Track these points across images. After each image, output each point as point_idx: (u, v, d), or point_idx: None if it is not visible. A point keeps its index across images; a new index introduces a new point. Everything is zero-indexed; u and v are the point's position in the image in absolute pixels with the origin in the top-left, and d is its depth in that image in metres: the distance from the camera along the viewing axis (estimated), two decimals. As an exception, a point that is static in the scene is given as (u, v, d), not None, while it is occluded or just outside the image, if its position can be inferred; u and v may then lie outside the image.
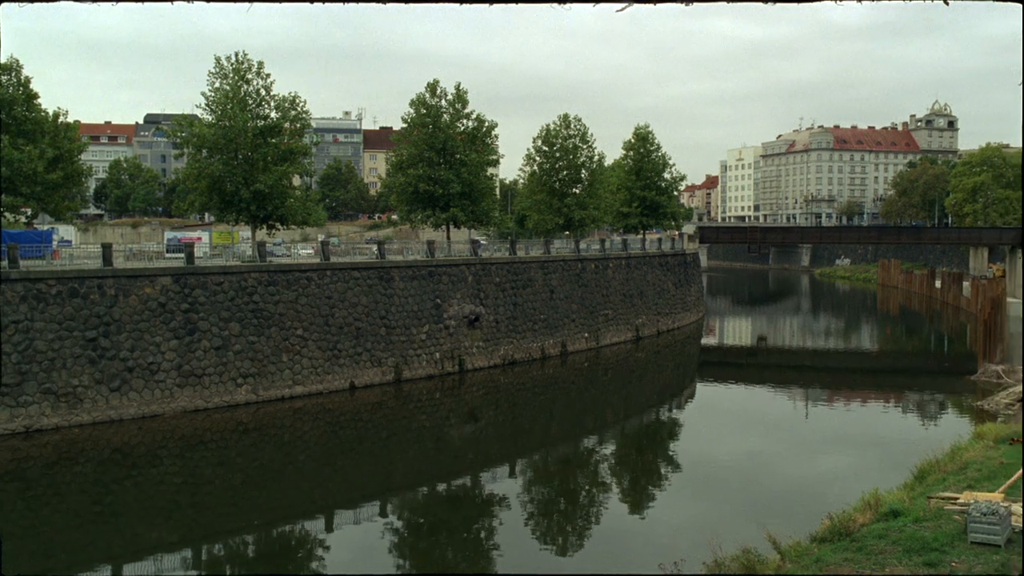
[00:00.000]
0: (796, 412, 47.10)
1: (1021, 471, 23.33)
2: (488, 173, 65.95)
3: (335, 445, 38.06)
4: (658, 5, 5.02)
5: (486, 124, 63.19)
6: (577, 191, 74.26)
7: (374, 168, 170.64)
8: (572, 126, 73.83)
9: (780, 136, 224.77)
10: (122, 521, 28.11)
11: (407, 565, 25.14)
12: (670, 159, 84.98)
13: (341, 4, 5.61)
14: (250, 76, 50.10)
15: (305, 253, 55.76)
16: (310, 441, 38.37)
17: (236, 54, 50.06)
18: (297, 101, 51.82)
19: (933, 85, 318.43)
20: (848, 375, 61.92)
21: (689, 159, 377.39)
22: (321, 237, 79.06)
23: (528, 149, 74.36)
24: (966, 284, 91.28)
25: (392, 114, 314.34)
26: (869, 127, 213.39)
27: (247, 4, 5.78)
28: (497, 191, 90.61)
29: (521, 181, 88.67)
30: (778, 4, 4.97)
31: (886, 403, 49.85)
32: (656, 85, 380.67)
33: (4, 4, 5.89)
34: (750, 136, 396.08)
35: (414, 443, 39.25)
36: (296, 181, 57.73)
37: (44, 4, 5.79)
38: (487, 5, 5.27)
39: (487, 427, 43.16)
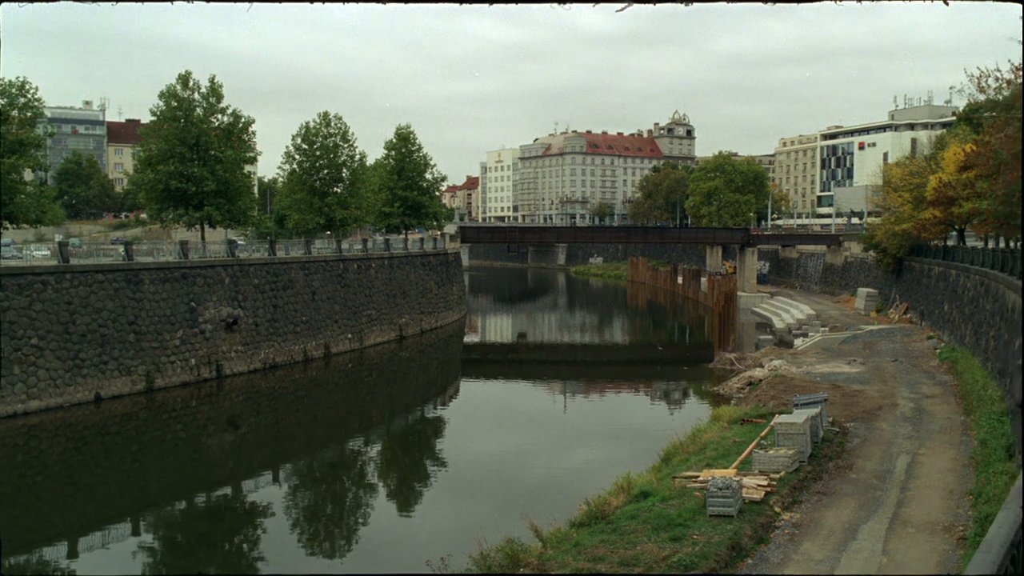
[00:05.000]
0: (555, 406, 49.19)
1: (750, 448, 25.80)
2: (245, 171, 63.46)
3: (79, 463, 35.19)
4: (658, 5, 5.10)
5: (243, 120, 60.73)
6: (338, 190, 73.22)
7: (120, 163, 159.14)
8: (333, 124, 72.74)
9: (537, 139, 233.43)
10: None
11: (163, 585, 23.79)
12: (431, 159, 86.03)
13: (341, 4, 5.31)
14: (-30, 59, 45.16)
15: (40, 255, 51.02)
16: (49, 460, 35.21)
17: (-48, 33, 44.83)
18: (27, 87, 47.32)
19: (673, 95, 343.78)
20: (602, 367, 65.55)
21: (450, 160, 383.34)
22: (59, 237, 72.69)
23: (287, 147, 72.63)
24: (703, 280, 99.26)
25: (140, 106, 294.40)
26: (618, 133, 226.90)
27: (247, 4, 5.38)
28: (255, 190, 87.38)
29: (280, 180, 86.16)
30: (770, 4, 5.17)
31: (636, 392, 53.27)
32: (415, 84, 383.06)
33: (4, 4, 5.28)
34: (508, 138, 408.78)
35: (169, 455, 37.12)
36: (28, 175, 52.56)
37: (45, 4, 5.20)
38: (487, 5, 5.14)
39: (248, 434, 41.65)
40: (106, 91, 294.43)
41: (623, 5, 5.08)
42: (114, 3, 5.31)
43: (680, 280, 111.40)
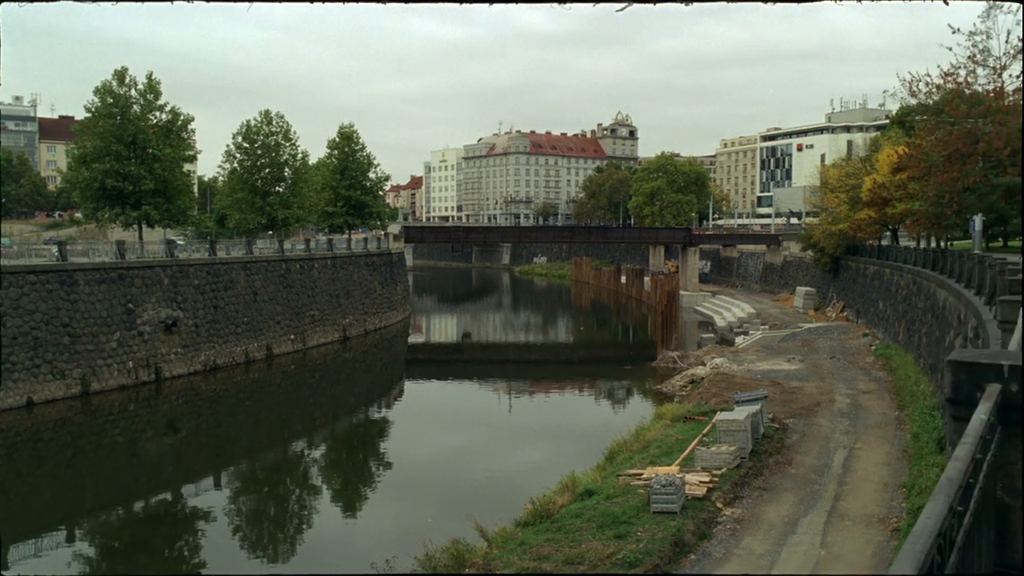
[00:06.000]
0: (501, 406, 49.23)
1: (692, 445, 26.13)
2: (185, 169, 62.33)
3: (9, 470, 34.16)
4: (658, 5, 5.07)
5: (182, 117, 59.69)
6: (280, 190, 72.35)
7: (53, 161, 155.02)
8: (274, 123, 71.78)
9: (481, 139, 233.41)
10: None
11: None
12: (375, 159, 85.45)
13: (341, 4, 5.19)
14: None
15: (-32, 255, 49.40)
16: (-21, 467, 34.16)
17: None
18: (-46, 83, 45.93)
19: (616, 96, 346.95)
20: (547, 367, 65.79)
21: (394, 159, 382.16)
22: (-12, 237, 70.50)
23: (228, 145, 71.41)
24: (647, 279, 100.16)
25: (73, 102, 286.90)
26: (562, 133, 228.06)
27: (247, 4, 5.27)
28: (195, 189, 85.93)
29: (221, 179, 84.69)
30: (774, 4, 5.16)
31: (581, 391, 53.56)
32: (358, 82, 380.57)
33: (4, 4, 5.13)
34: (452, 138, 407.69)
35: (106, 460, 36.28)
36: (-45, 174, 50.91)
37: (44, 4, 5.05)
38: (487, 5, 5.07)
39: (188, 438, 40.92)
40: (38, 86, 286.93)
41: (623, 5, 5.10)
42: (114, 3, 5.21)
43: (623, 279, 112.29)
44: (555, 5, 5.17)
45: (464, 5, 5.24)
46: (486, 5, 5.04)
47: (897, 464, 25.04)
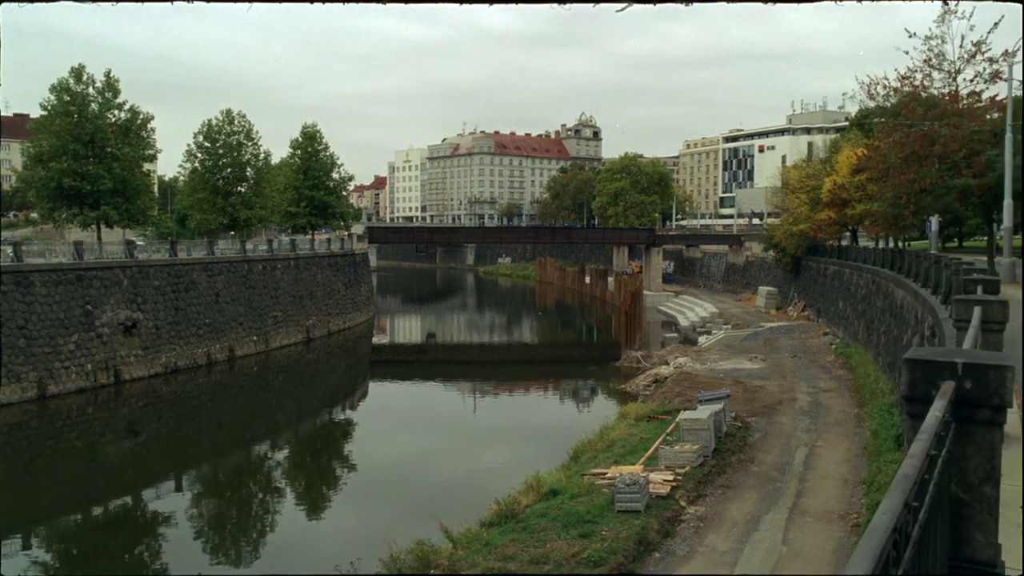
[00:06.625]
0: (465, 406, 49.16)
1: (656, 444, 26.31)
2: (144, 169, 61.50)
3: (-35, 474, 33.50)
4: (658, 5, 5.05)
5: (141, 116, 58.87)
6: (242, 190, 71.61)
7: (7, 159, 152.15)
8: (236, 122, 71.01)
9: (445, 139, 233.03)
10: None
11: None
12: (338, 159, 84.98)
13: (341, 4, 5.12)
14: None
15: (-80, 257, 48.26)
16: (-68, 472, 33.43)
17: None
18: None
19: (580, 96, 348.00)
20: (511, 367, 65.82)
21: (358, 159, 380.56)
22: (-60, 238, 68.88)
23: (189, 145, 70.56)
24: (611, 279, 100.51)
25: (29, 99, 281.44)
26: (526, 134, 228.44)
27: (247, 4, 5.21)
28: (155, 189, 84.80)
29: (182, 178, 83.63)
30: (774, 4, 5.16)
31: (546, 391, 53.67)
32: (322, 82, 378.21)
33: (4, 4, 5.02)
34: (416, 138, 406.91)
35: (63, 465, 35.65)
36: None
37: (44, 4, 4.95)
38: (487, 5, 5.02)
39: (149, 441, 40.37)
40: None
41: (623, 5, 5.11)
42: (114, 3, 5.15)
43: (587, 280, 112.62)
44: (555, 5, 5.19)
45: (461, 5, 5.24)
46: (485, 5, 5.04)
47: (857, 461, 25.42)
